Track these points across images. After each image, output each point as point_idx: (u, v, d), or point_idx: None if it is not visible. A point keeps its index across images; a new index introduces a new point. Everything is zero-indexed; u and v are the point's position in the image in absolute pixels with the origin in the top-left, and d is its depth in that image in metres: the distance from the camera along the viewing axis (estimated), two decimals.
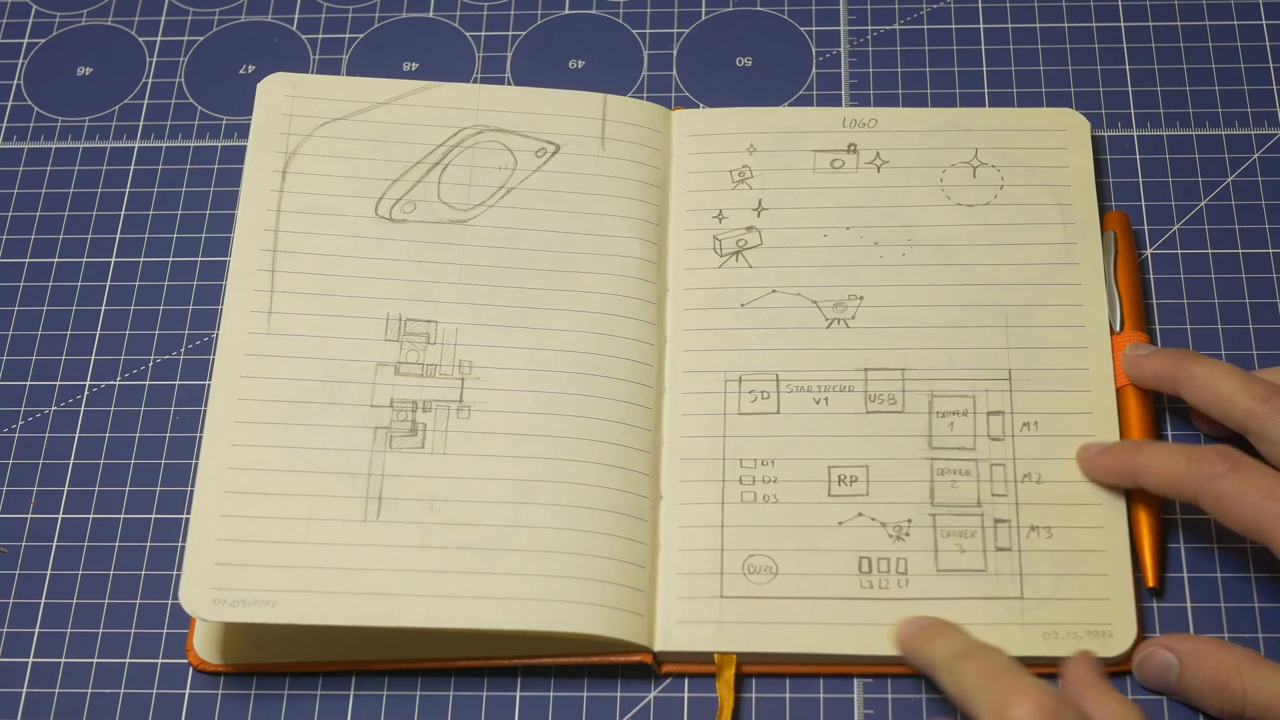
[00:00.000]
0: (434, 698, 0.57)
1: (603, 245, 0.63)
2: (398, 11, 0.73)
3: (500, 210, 0.64)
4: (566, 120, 0.66)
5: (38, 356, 0.65)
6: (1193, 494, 0.54)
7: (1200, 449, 0.54)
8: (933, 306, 0.62)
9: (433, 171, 0.64)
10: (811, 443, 0.60)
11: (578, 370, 0.61)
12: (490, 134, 0.65)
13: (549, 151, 0.65)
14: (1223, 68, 0.69)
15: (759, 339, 0.62)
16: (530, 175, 0.65)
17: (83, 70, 0.72)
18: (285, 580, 0.56)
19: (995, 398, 0.60)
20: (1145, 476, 0.55)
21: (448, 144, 0.65)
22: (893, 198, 0.64)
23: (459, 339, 0.61)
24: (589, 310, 0.62)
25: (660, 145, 0.66)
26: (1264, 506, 0.52)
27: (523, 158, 0.65)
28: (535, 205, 0.64)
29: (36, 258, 0.67)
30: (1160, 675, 0.55)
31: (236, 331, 0.60)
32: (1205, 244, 0.65)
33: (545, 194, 0.64)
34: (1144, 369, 0.59)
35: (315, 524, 0.57)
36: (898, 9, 0.72)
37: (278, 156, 0.64)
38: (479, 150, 0.65)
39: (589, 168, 0.65)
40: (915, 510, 0.58)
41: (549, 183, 0.65)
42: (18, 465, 0.63)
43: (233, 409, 0.59)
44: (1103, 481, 0.58)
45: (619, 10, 0.73)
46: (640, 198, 0.64)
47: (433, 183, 0.64)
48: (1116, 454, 0.57)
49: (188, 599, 0.55)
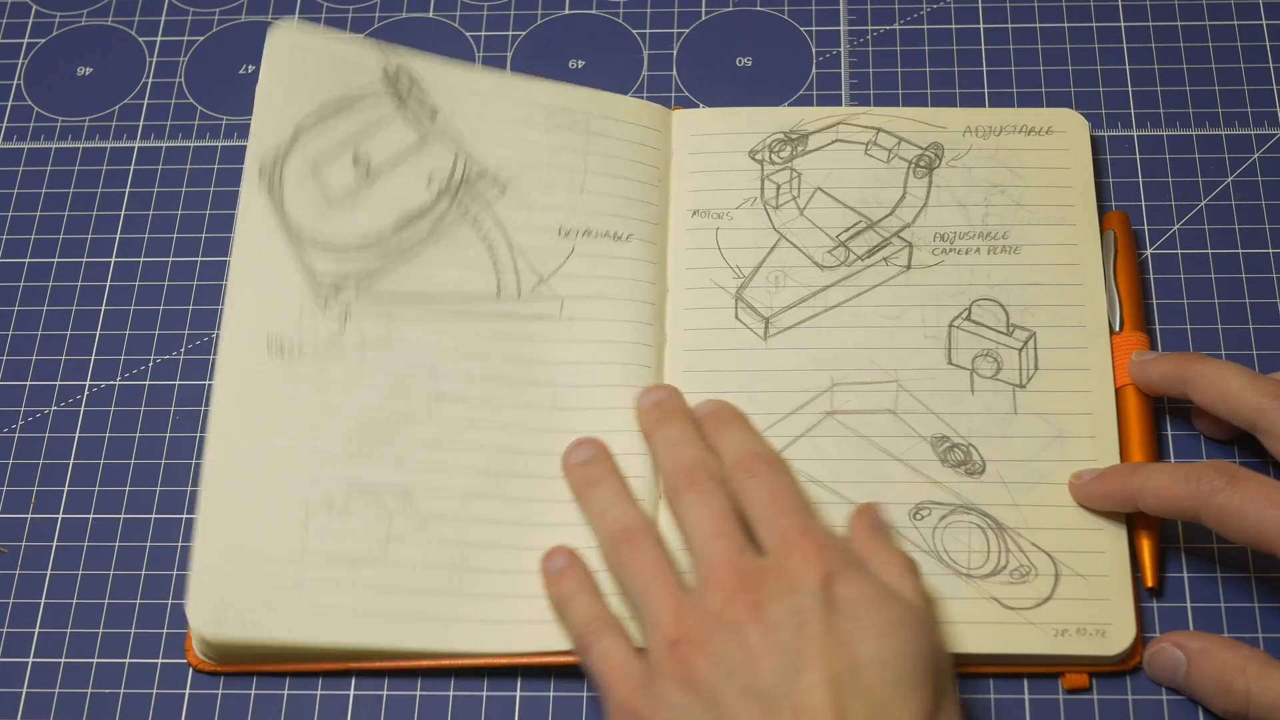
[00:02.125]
0: (434, 698, 0.57)
1: (603, 246, 0.63)
2: (398, 11, 0.73)
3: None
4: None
5: (38, 356, 0.65)
6: (1194, 512, 0.54)
7: (1196, 466, 0.54)
8: (932, 306, 0.62)
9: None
10: (812, 443, 0.60)
11: (578, 370, 0.61)
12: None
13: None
14: (1223, 68, 0.69)
15: (759, 339, 0.62)
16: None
17: (83, 70, 0.72)
18: (287, 599, 0.56)
19: (995, 397, 0.60)
20: (1144, 499, 0.55)
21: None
22: (892, 197, 0.64)
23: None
24: (589, 309, 0.62)
25: (660, 145, 0.66)
26: (1267, 515, 0.52)
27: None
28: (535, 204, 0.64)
29: (36, 258, 0.67)
30: (1168, 672, 0.55)
31: (237, 358, 0.60)
32: (1205, 244, 0.65)
33: (545, 193, 0.64)
34: (1150, 373, 0.59)
35: (313, 543, 0.57)
36: (898, 9, 0.72)
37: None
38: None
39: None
40: (916, 510, 0.58)
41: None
42: (18, 465, 0.63)
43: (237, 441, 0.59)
44: (1099, 508, 0.58)
45: (619, 10, 0.73)
46: (641, 197, 0.64)
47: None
48: (1111, 480, 0.57)
49: (196, 619, 0.56)
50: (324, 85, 0.63)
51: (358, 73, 0.64)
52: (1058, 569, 0.57)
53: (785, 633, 0.49)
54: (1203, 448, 0.61)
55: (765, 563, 0.52)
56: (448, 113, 0.64)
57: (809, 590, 0.50)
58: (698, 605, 0.51)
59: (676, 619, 0.51)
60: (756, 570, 0.51)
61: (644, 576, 0.53)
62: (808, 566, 0.50)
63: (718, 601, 0.51)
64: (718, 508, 0.54)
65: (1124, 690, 0.56)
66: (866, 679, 0.48)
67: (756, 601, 0.50)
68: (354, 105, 0.63)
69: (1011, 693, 0.56)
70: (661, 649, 0.51)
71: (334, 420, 0.59)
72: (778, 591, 0.50)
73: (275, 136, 0.62)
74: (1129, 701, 0.56)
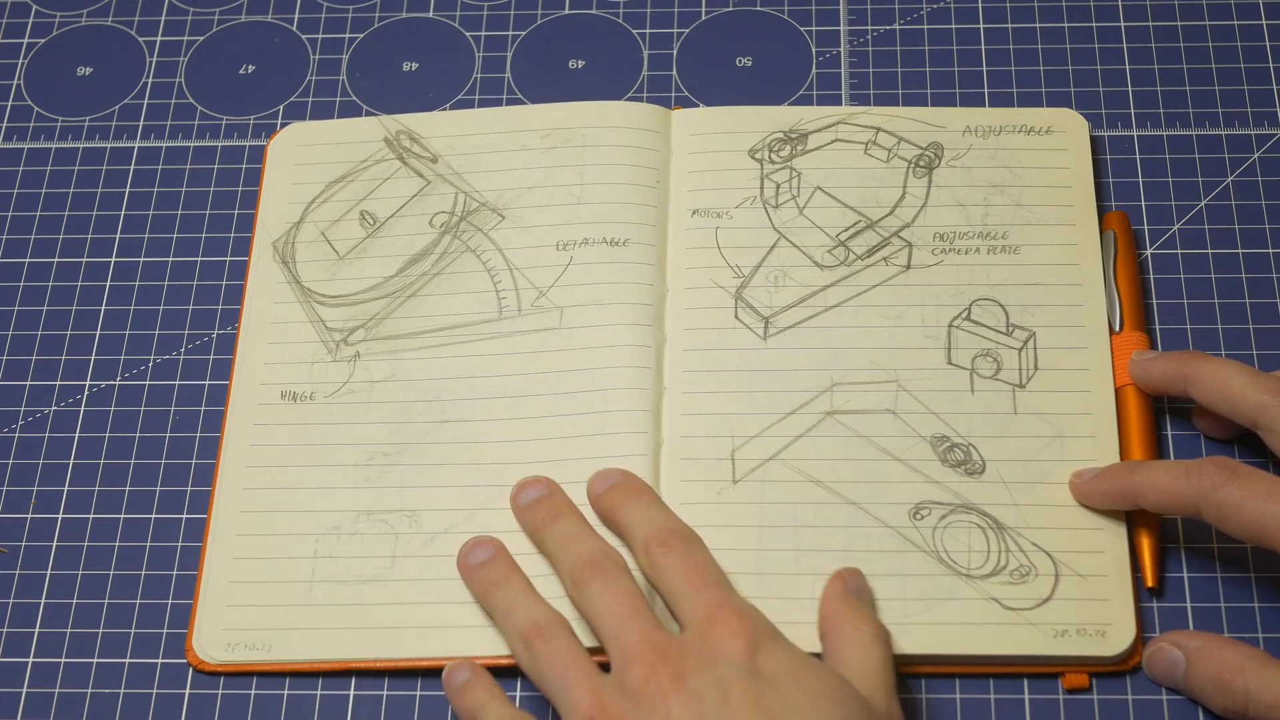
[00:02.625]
0: (434, 698, 0.57)
1: (601, 253, 0.63)
2: (398, 11, 0.73)
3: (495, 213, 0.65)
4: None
5: (38, 356, 0.65)
6: (1194, 507, 0.54)
7: (1196, 462, 0.54)
8: (931, 306, 0.62)
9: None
10: (812, 443, 0.60)
11: (577, 376, 0.61)
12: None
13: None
14: (1223, 68, 0.69)
15: (759, 339, 0.62)
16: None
17: (83, 70, 0.72)
18: (296, 622, 0.57)
19: (995, 397, 0.60)
20: (1144, 496, 0.55)
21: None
22: (892, 197, 0.64)
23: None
24: (588, 315, 0.62)
25: (658, 146, 0.66)
26: (1268, 510, 0.52)
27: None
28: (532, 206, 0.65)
29: (36, 258, 0.67)
30: (1168, 671, 0.55)
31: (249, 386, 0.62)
32: (1205, 244, 0.65)
33: (542, 212, 0.65)
34: (1151, 372, 0.59)
35: (322, 568, 0.58)
36: (898, 9, 0.72)
37: (290, 207, 0.66)
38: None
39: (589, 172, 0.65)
40: (916, 510, 0.58)
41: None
42: (18, 465, 0.63)
43: (243, 476, 0.61)
44: (1100, 507, 0.57)
45: (619, 10, 0.73)
46: (638, 200, 0.64)
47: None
48: (1112, 477, 0.57)
49: (205, 648, 0.57)
50: (328, 168, 0.66)
51: (360, 148, 0.67)
52: (1058, 569, 0.57)
53: (709, 703, 0.48)
54: (1203, 447, 0.61)
55: (685, 638, 0.50)
56: (447, 156, 0.66)
57: (732, 662, 0.49)
58: (618, 686, 0.50)
59: (594, 700, 0.49)
60: (676, 645, 0.50)
61: (558, 667, 0.51)
62: (730, 639, 0.49)
63: (638, 678, 0.49)
64: (625, 590, 0.52)
65: (1124, 690, 0.56)
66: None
67: (678, 674, 0.49)
68: (358, 174, 0.66)
69: (1011, 693, 0.56)
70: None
71: (341, 453, 0.60)
72: (700, 664, 0.49)
73: (285, 219, 0.65)
74: (1129, 701, 0.56)
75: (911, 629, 0.56)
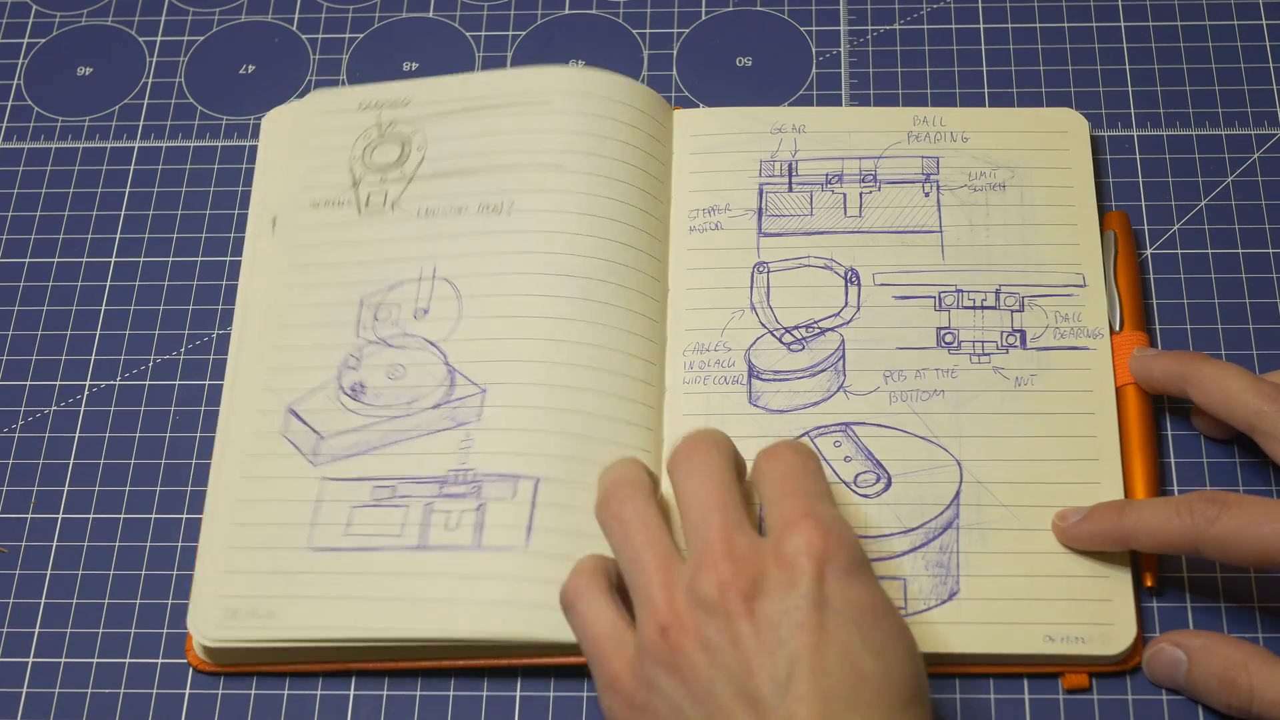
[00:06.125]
0: (434, 698, 0.57)
1: (603, 248, 0.63)
2: (398, 11, 0.73)
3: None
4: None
5: (38, 356, 0.65)
6: (1192, 546, 0.53)
7: (1184, 499, 0.53)
8: (931, 306, 0.62)
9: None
10: (815, 444, 0.60)
11: (579, 371, 0.61)
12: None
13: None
14: (1223, 68, 0.69)
15: (760, 339, 0.62)
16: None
17: (83, 70, 0.72)
18: (298, 589, 0.57)
19: (995, 397, 0.60)
20: (1138, 539, 0.55)
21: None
22: (892, 197, 0.64)
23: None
24: (589, 310, 0.62)
25: (664, 140, 0.66)
26: (1265, 532, 0.51)
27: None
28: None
29: (36, 258, 0.67)
30: (1169, 672, 0.55)
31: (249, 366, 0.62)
32: (1205, 244, 0.65)
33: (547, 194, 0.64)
34: (1152, 369, 0.59)
35: (320, 528, 0.58)
36: (898, 9, 0.72)
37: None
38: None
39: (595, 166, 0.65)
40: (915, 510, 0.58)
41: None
42: (18, 465, 0.63)
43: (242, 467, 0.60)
44: (1089, 549, 0.57)
45: (619, 10, 0.73)
46: (638, 204, 0.64)
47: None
48: (1100, 520, 0.56)
49: (204, 622, 0.57)
50: (316, 136, 0.66)
51: (343, 115, 0.67)
52: (1058, 569, 0.57)
53: (782, 632, 0.47)
54: (1203, 447, 0.61)
55: (763, 544, 0.50)
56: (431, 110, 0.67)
57: (803, 589, 0.48)
58: (689, 586, 0.49)
59: (668, 601, 0.49)
60: (753, 554, 0.49)
61: (634, 543, 0.51)
62: (803, 553, 0.48)
63: (710, 586, 0.49)
64: (719, 480, 0.52)
65: (1124, 690, 0.56)
66: (864, 695, 0.47)
67: (748, 593, 0.48)
68: (343, 146, 0.66)
69: (1011, 693, 0.56)
70: (653, 631, 0.49)
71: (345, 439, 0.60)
72: (772, 584, 0.48)
73: (281, 196, 0.66)
74: (1129, 701, 0.56)
75: (911, 629, 0.56)
